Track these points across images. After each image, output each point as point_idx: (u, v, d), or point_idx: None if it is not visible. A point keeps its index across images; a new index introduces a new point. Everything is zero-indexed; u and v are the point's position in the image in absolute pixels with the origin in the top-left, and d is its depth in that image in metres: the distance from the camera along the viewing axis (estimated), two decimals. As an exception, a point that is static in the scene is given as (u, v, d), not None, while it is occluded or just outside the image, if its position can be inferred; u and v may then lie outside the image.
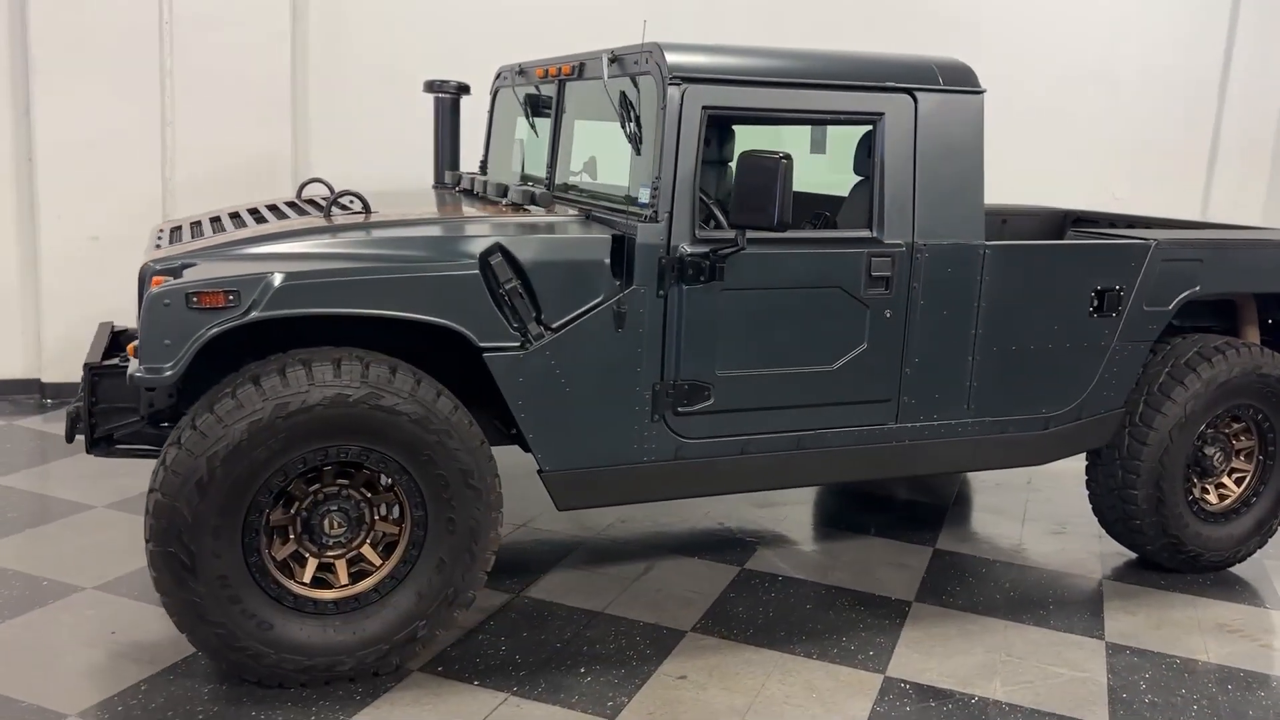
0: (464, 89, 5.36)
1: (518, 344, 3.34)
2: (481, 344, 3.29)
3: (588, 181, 4.40)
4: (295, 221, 3.64)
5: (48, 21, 6.09)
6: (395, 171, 6.24)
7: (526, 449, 3.52)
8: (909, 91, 3.77)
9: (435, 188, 5.32)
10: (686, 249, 3.48)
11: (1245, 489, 4.68)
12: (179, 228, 3.95)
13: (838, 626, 3.92)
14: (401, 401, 3.16)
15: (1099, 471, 4.53)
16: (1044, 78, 8.54)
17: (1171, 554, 4.54)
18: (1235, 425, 4.66)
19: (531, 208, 3.80)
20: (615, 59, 3.75)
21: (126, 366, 3.25)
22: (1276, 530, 4.74)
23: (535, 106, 4.61)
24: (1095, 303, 4.16)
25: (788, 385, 3.74)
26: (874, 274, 3.75)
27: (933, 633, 3.93)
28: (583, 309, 3.41)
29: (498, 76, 5.08)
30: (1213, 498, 4.66)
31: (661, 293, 3.49)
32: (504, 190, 4.02)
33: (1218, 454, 4.60)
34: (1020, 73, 8.42)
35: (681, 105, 3.46)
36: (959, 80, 3.86)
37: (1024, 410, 4.16)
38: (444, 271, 3.26)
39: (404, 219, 3.62)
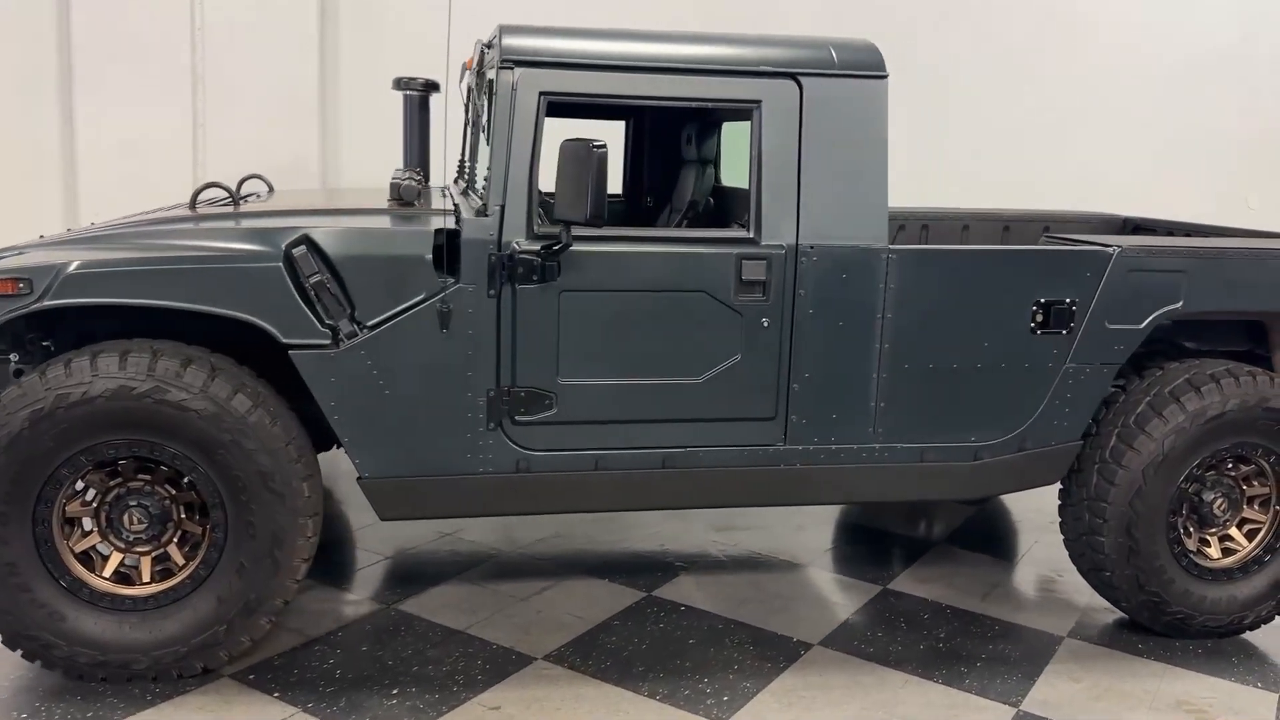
0: (433, 86, 5.25)
1: (328, 342, 3.18)
2: (286, 340, 3.15)
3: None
4: (155, 213, 3.62)
5: (89, 30, 6.42)
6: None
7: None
8: (792, 76, 3.38)
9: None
10: (519, 246, 3.23)
11: (1257, 544, 3.96)
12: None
13: (708, 667, 3.55)
14: (191, 397, 3.05)
15: (1069, 513, 3.94)
16: (1162, 68, 7.69)
17: (1153, 614, 3.88)
18: (1245, 468, 3.95)
19: (394, 202, 3.64)
20: (489, 45, 3.54)
21: None
22: (1300, 596, 3.99)
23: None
24: (1038, 318, 3.61)
25: (647, 397, 3.42)
26: (745, 278, 3.37)
27: (813, 682, 3.49)
28: (401, 307, 3.21)
29: (462, 72, 4.95)
30: (1213, 551, 3.97)
31: (493, 292, 3.25)
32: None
33: (1219, 501, 3.91)
34: (1132, 64, 7.65)
35: (514, 91, 3.21)
36: (857, 64, 3.43)
37: (946, 437, 3.65)
38: (244, 263, 3.13)
39: (262, 211, 3.54)
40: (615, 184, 5.41)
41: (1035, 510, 5.02)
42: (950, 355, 3.58)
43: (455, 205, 3.53)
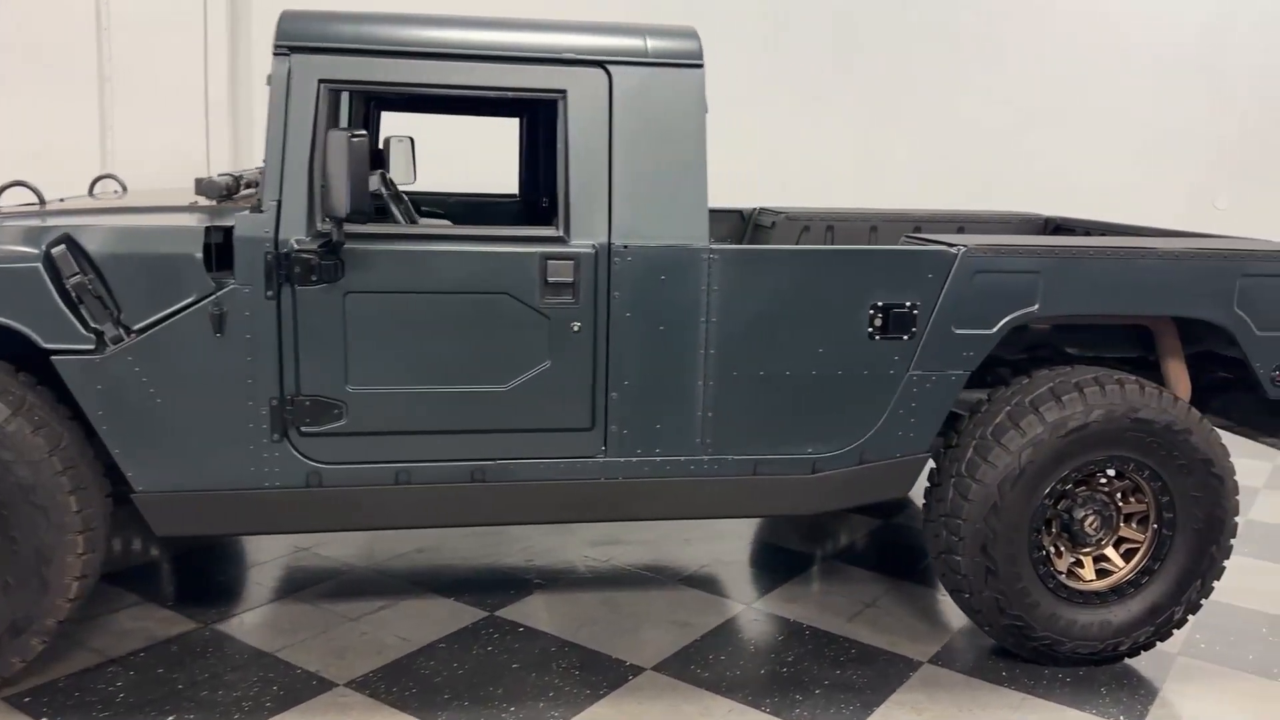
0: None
1: (91, 346, 2.99)
2: (46, 345, 2.97)
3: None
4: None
5: (-9, 31, 6.33)
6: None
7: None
8: (601, 65, 3.17)
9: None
10: (297, 244, 3.03)
11: (1134, 565, 3.69)
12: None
13: (520, 694, 3.33)
14: (-66, 406, 2.88)
15: (929, 530, 3.69)
16: (1129, 68, 7.44)
17: (1018, 639, 3.62)
18: (1119, 483, 3.69)
19: (201, 198, 3.47)
20: None
21: None
22: (1182, 621, 3.71)
23: None
24: (877, 322, 3.37)
25: (449, 407, 3.21)
26: (551, 279, 3.16)
27: (628, 711, 3.26)
28: (170, 310, 3.02)
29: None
30: (1087, 573, 3.70)
31: (271, 294, 3.05)
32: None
33: (1091, 519, 3.65)
34: (1100, 63, 7.40)
35: (289, 78, 3.02)
36: (671, 52, 3.21)
37: (782, 449, 3.41)
38: (1, 264, 2.95)
39: (61, 210, 3.37)
40: (511, 183, 5.24)
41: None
42: (782, 362, 3.35)
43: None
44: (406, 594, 4.03)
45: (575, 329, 3.20)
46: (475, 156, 5.38)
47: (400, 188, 4.67)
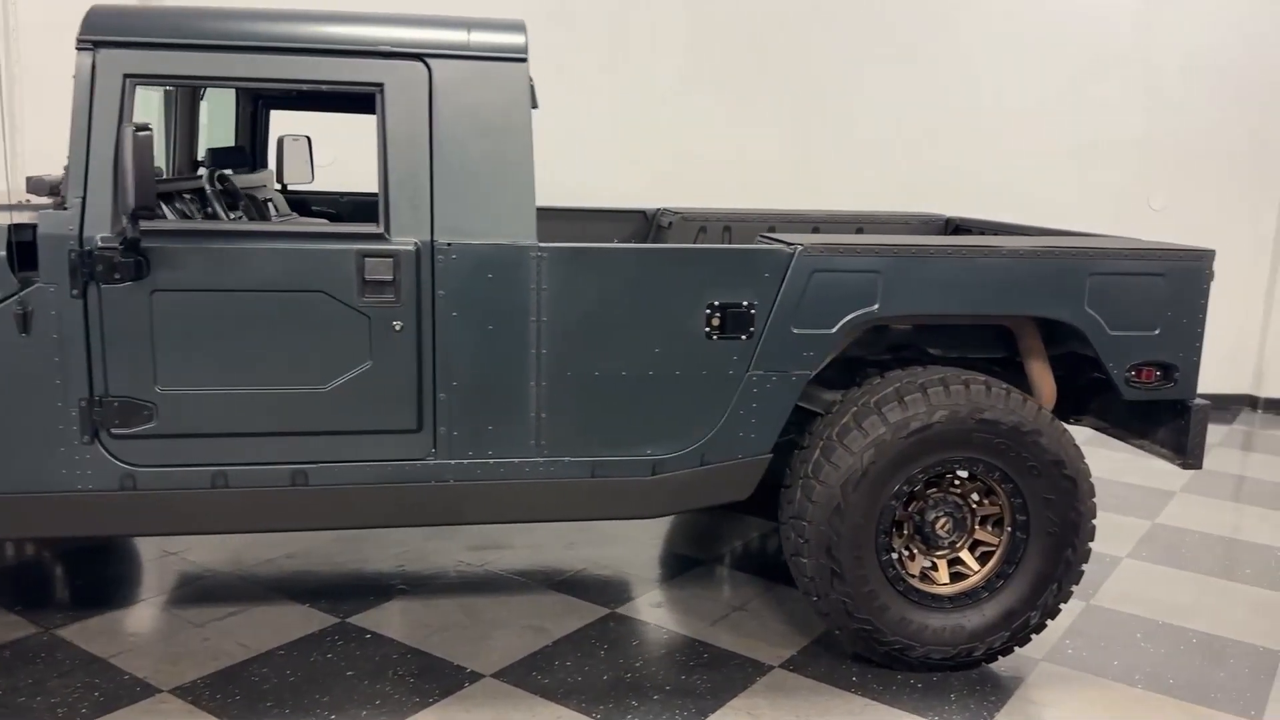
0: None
1: (-109, 347, 2.93)
2: None
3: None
4: None
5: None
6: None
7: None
8: (420, 58, 3.11)
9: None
10: (101, 242, 2.97)
11: (990, 569, 3.63)
12: None
13: (348, 703, 3.26)
14: None
15: (782, 533, 3.63)
16: (1063, 65, 7.36)
17: (867, 643, 3.56)
18: (972, 485, 3.63)
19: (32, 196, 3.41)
20: None
21: None
22: (1041, 627, 3.64)
23: None
24: (714, 321, 3.31)
25: (266, 408, 3.14)
26: (369, 278, 3.10)
27: (452, 717, 3.19)
28: (-27, 310, 2.97)
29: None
30: (941, 576, 3.64)
31: (76, 292, 2.99)
32: None
33: (943, 521, 3.59)
34: (1032, 60, 7.33)
35: (93, 72, 2.96)
36: (493, 46, 3.15)
37: (620, 451, 3.35)
38: None
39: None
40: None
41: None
42: (617, 362, 3.29)
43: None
44: (263, 600, 3.97)
45: (397, 328, 3.14)
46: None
47: (298, 187, 4.62)
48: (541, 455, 3.31)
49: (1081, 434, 5.74)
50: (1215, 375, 7.98)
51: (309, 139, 4.82)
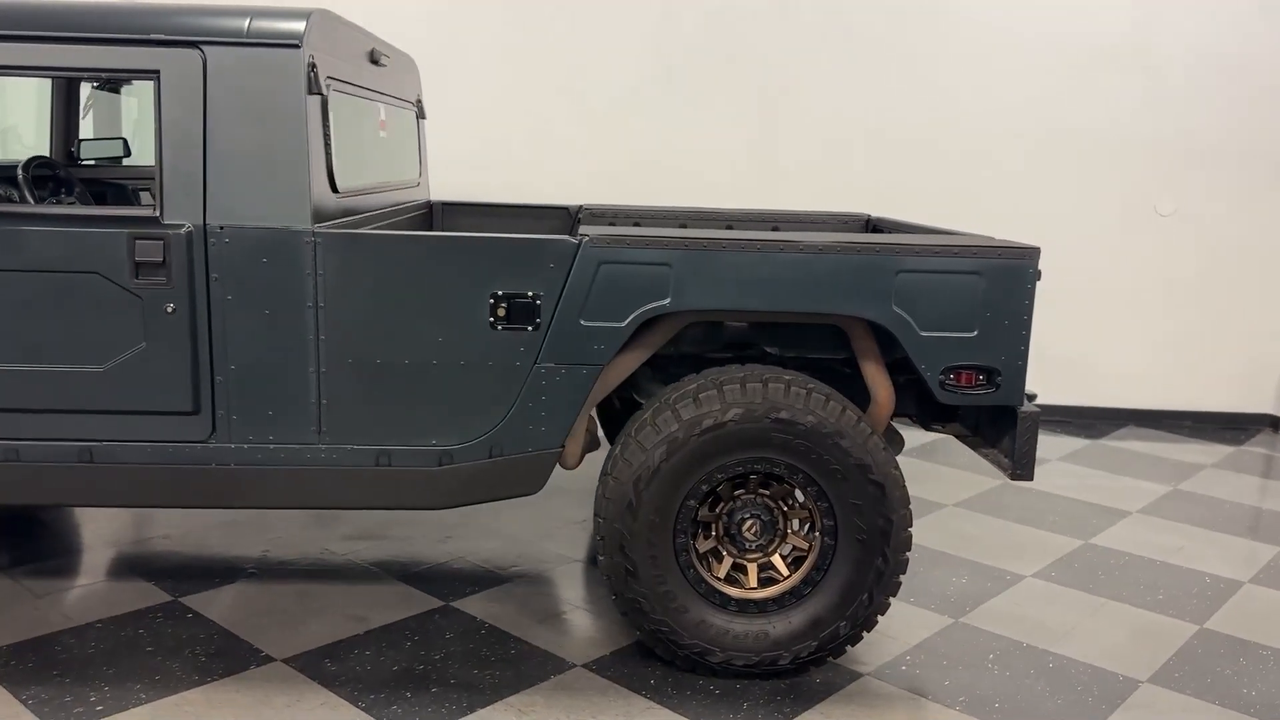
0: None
1: None
2: None
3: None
4: None
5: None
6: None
7: None
8: (196, 45, 3.16)
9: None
10: (-109, 222, 3.11)
11: (799, 575, 3.49)
12: None
13: (127, 675, 3.32)
14: None
15: (594, 529, 3.56)
16: (1060, 57, 7.04)
17: (667, 646, 3.46)
18: (779, 488, 3.50)
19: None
20: None
21: None
22: (855, 638, 3.48)
23: None
24: (499, 312, 3.27)
25: (51, 386, 3.23)
26: (140, 259, 3.16)
27: (218, 696, 3.22)
28: None
29: None
30: (750, 580, 3.52)
31: (-125, 272, 3.13)
32: None
33: (751, 523, 3.47)
34: (1019, 60, 7.03)
35: None
36: (269, 33, 3.18)
37: (406, 440, 3.34)
38: None
39: None
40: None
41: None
42: (399, 350, 3.28)
43: None
44: (116, 576, 4.08)
45: (169, 310, 3.19)
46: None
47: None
48: (324, 442, 3.32)
49: (1061, 449, 5.42)
50: (1232, 394, 7.58)
51: None
